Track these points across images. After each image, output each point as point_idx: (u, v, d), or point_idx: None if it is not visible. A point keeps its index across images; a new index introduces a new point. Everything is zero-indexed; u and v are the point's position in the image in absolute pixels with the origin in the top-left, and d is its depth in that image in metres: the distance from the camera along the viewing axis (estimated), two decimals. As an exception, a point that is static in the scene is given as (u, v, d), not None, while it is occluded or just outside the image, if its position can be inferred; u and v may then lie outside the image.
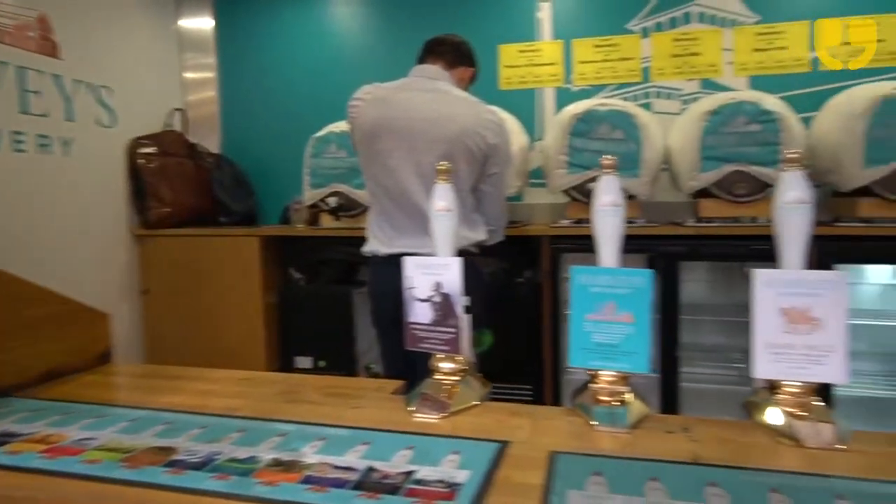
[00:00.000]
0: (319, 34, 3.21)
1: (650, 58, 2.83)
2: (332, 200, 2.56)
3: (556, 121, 2.46)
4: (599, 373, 0.98)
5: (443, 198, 1.09)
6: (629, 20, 2.84)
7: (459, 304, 1.03)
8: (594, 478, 0.74)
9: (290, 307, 2.73)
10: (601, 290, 0.98)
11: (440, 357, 1.06)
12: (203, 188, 3.03)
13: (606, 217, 1.00)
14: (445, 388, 1.03)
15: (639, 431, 0.90)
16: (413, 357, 1.10)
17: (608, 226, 1.01)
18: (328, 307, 2.64)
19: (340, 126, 2.57)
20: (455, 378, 1.05)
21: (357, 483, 0.76)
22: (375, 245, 1.77)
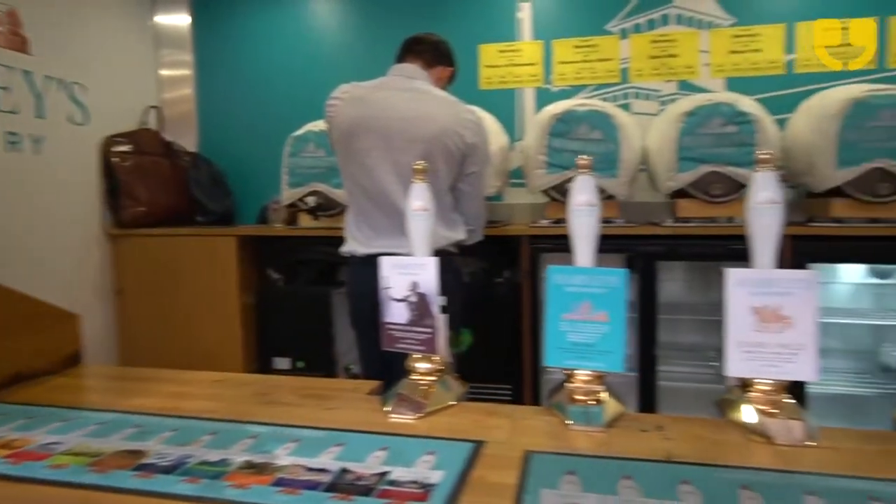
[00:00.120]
0: (298, 32, 3.19)
1: (629, 59, 2.86)
2: (311, 200, 2.54)
3: (536, 121, 2.47)
4: (575, 372, 0.98)
5: (419, 197, 1.09)
6: (608, 21, 2.87)
7: (436, 304, 1.03)
8: (568, 477, 0.74)
9: (268, 308, 2.71)
10: (577, 290, 0.98)
11: (416, 357, 1.05)
12: (179, 187, 2.99)
13: (582, 217, 1.01)
14: (422, 389, 1.03)
15: (613, 430, 0.90)
16: (391, 358, 1.09)
17: (584, 225, 1.01)
18: (307, 308, 2.62)
19: (319, 125, 2.55)
20: (431, 378, 1.04)
21: (330, 485, 0.75)
22: (353, 245, 1.75)
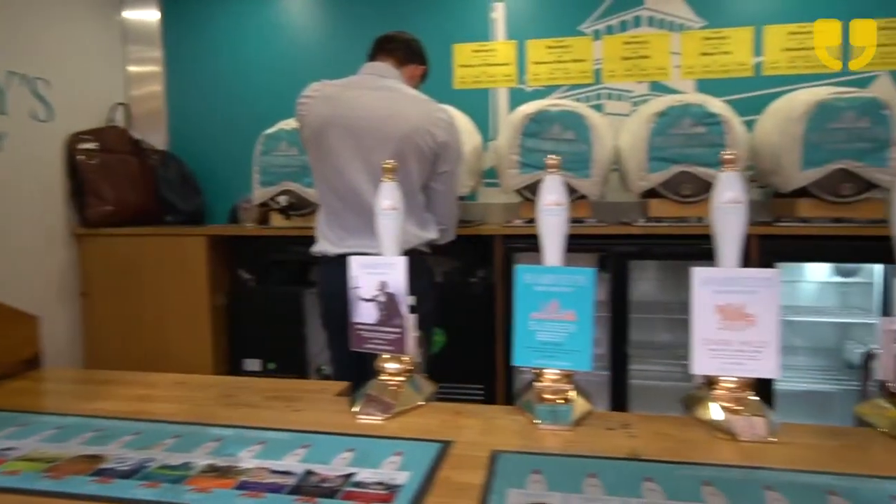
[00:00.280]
0: (270, 28, 3.15)
1: (602, 60, 2.88)
2: (283, 199, 2.51)
3: (509, 121, 2.48)
4: (544, 371, 0.99)
5: (389, 196, 1.08)
6: (581, 22, 2.89)
7: (405, 304, 1.02)
8: (534, 476, 0.74)
9: (239, 309, 2.67)
10: (545, 289, 0.98)
11: (385, 357, 1.05)
12: (147, 186, 2.93)
13: (551, 216, 1.01)
14: (390, 389, 1.02)
15: (581, 429, 0.90)
16: (363, 358, 1.08)
17: (552, 225, 1.01)
18: (278, 309, 2.59)
19: (291, 123, 2.52)
20: (401, 378, 1.04)
21: (294, 487, 0.74)
22: (325, 245, 1.74)
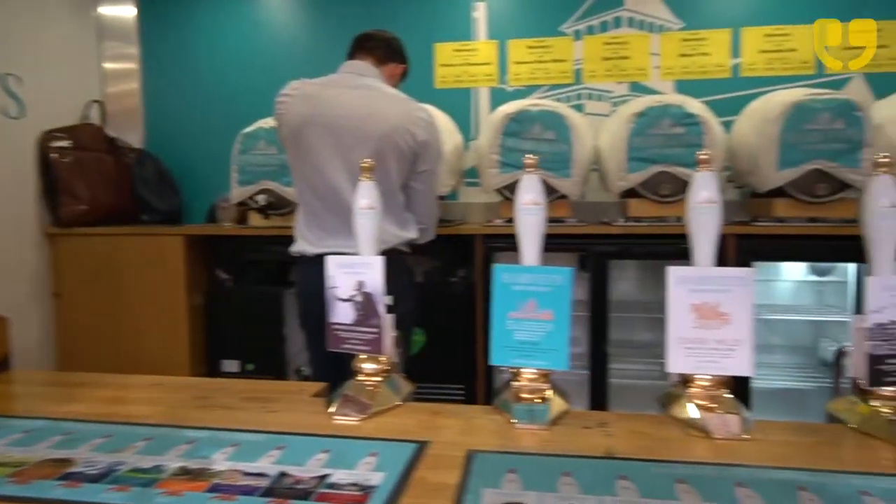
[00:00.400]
0: (249, 26, 3.12)
1: (582, 60, 2.89)
2: (261, 198, 2.49)
3: (490, 120, 2.48)
4: (521, 370, 0.98)
5: (366, 195, 1.08)
6: (562, 23, 2.90)
7: (382, 304, 1.02)
8: (509, 475, 0.74)
9: (217, 309, 2.64)
10: (522, 288, 0.98)
11: (363, 358, 1.04)
12: (123, 185, 2.88)
13: (528, 215, 1.01)
14: (367, 389, 1.01)
15: (557, 428, 0.90)
16: (341, 359, 1.07)
17: (530, 224, 1.01)
18: (257, 309, 2.56)
19: (270, 122, 2.50)
20: (378, 379, 1.03)
21: (267, 489, 0.73)
22: (303, 245, 1.72)
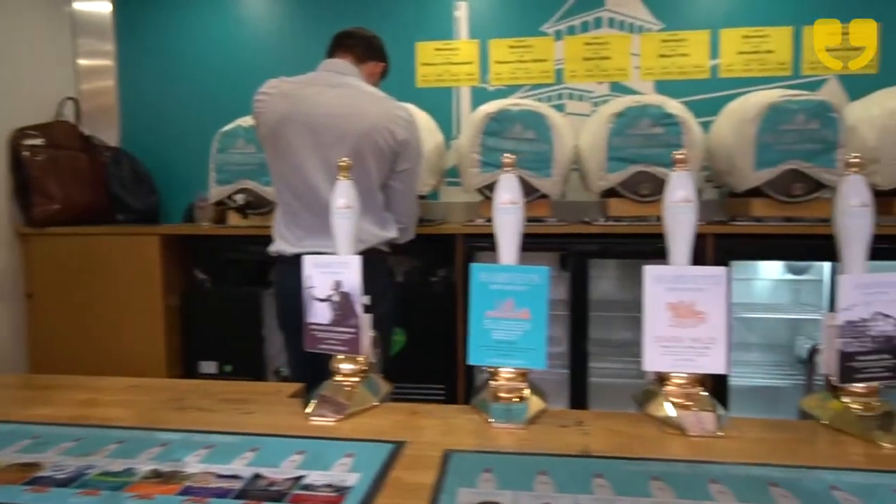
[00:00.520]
0: (228, 22, 3.09)
1: (563, 60, 2.90)
2: (240, 197, 2.46)
3: (470, 120, 2.48)
4: (499, 370, 0.98)
5: (343, 195, 1.07)
6: (543, 23, 2.91)
7: (359, 304, 1.01)
8: (485, 475, 0.74)
9: (195, 310, 2.61)
10: (500, 288, 0.98)
11: (340, 358, 1.03)
12: (98, 184, 2.84)
13: (506, 215, 1.01)
14: (345, 390, 1.00)
15: (534, 427, 0.90)
16: (319, 359, 1.06)
17: (508, 223, 1.01)
18: (235, 309, 2.54)
19: (249, 120, 2.47)
20: (355, 379, 1.02)
21: (240, 492, 0.72)
22: (282, 245, 1.71)
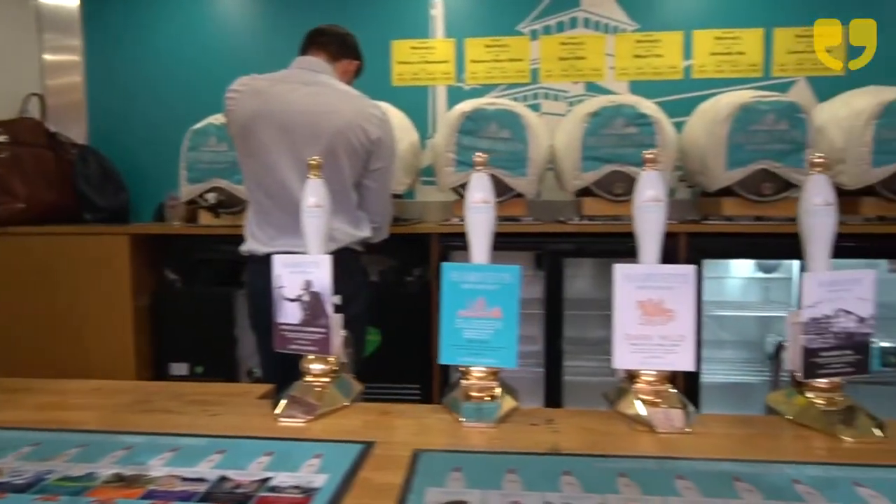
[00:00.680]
0: (200, 17, 3.04)
1: (539, 60, 2.92)
2: (211, 196, 2.43)
3: (446, 119, 2.48)
4: (471, 369, 0.98)
5: (314, 194, 1.05)
6: (519, 22, 2.92)
7: (330, 303, 1.00)
8: (454, 474, 0.73)
9: (165, 311, 2.57)
10: (471, 287, 0.98)
11: (311, 358, 1.02)
12: (64, 182, 2.78)
13: (478, 214, 1.01)
14: (315, 390, 0.99)
15: (505, 425, 0.90)
16: (291, 360, 1.05)
17: (479, 222, 1.01)
18: (207, 310, 2.51)
19: (221, 118, 2.44)
20: (326, 379, 1.01)
21: (205, 495, 0.71)
22: (254, 244, 1.69)
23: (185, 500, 0.69)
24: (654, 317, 0.92)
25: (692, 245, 2.25)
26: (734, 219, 2.31)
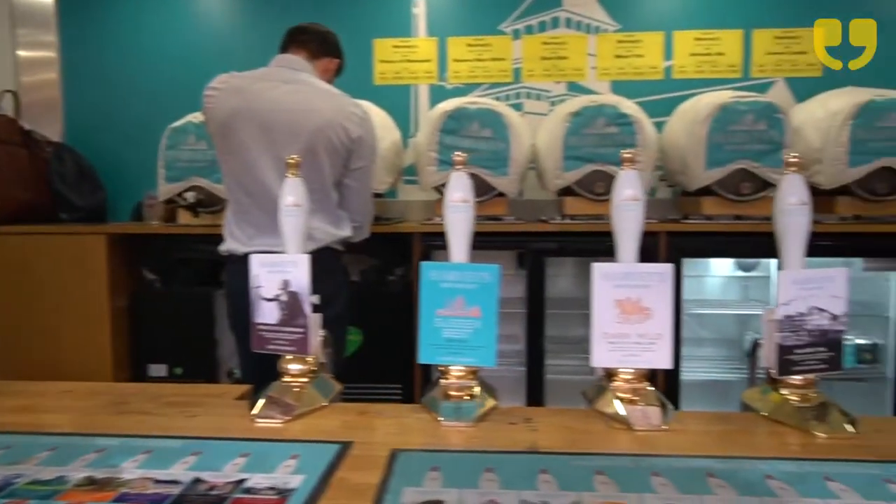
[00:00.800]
0: (179, 14, 3.00)
1: (521, 59, 2.92)
2: (190, 195, 2.40)
3: (428, 118, 2.48)
4: (450, 368, 0.98)
5: (292, 192, 1.04)
6: (501, 21, 2.92)
7: (308, 303, 0.99)
8: (432, 473, 0.73)
9: (143, 311, 2.54)
10: (450, 286, 0.97)
11: (289, 358, 1.01)
12: (39, 181, 2.73)
13: (457, 213, 1.00)
14: (293, 391, 0.99)
15: (483, 424, 0.90)
16: (270, 360, 1.04)
17: (459, 221, 1.00)
18: (186, 310, 2.48)
19: (200, 116, 2.41)
20: (304, 380, 1.00)
21: (178, 497, 0.70)
22: (233, 244, 1.68)
23: (158, 503, 0.68)
24: (632, 315, 0.93)
25: (672, 244, 2.27)
26: (714, 218, 2.33)
